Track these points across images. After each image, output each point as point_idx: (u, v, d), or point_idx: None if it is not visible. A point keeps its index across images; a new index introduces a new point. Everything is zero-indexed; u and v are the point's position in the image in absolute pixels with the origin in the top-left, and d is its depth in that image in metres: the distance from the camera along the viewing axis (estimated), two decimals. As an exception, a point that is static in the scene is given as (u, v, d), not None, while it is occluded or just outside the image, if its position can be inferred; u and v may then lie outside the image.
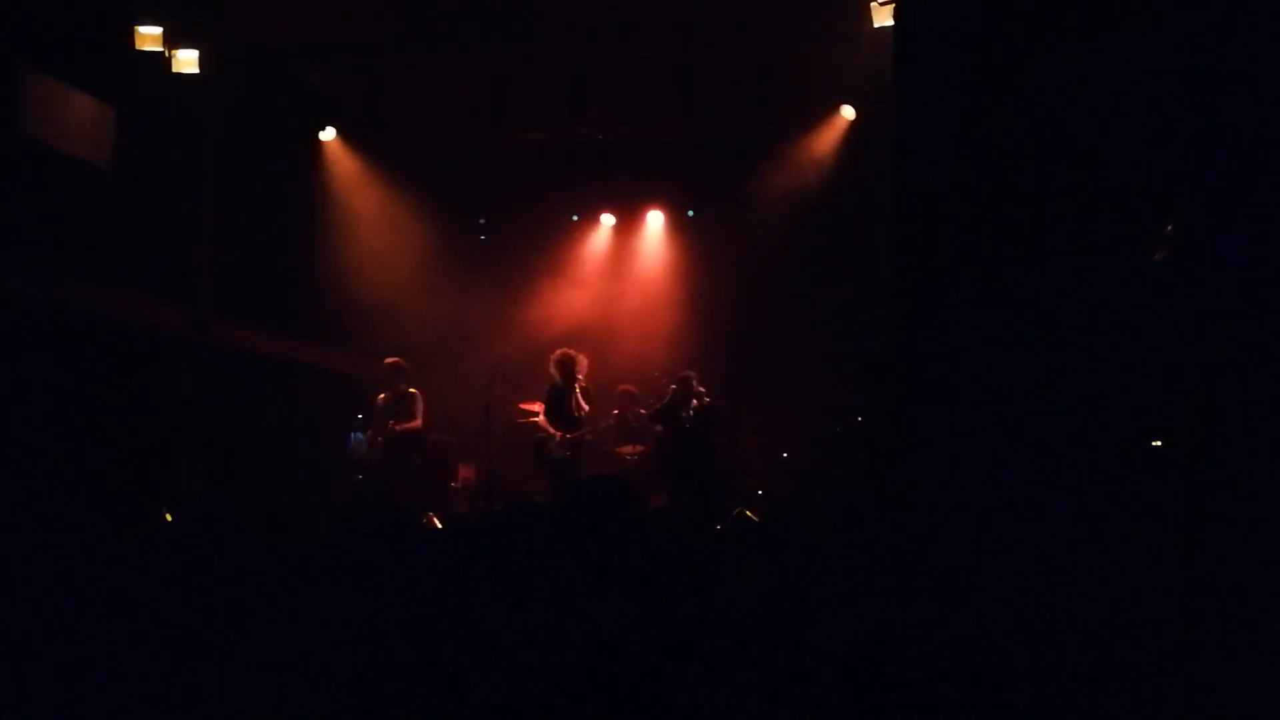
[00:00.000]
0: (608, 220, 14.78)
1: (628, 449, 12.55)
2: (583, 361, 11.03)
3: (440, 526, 6.89)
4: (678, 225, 14.60)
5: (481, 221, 15.01)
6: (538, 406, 11.11)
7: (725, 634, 3.01)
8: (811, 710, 2.92)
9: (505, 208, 14.64)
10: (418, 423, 10.84)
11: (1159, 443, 8.78)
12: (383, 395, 10.87)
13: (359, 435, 11.26)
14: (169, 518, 8.23)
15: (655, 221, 14.68)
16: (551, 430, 10.78)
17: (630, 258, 14.69)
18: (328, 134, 12.70)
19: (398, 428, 10.70)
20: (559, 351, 11.02)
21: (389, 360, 11.01)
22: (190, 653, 3.39)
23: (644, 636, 2.90)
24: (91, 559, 5.06)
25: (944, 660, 3.18)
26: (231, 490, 10.04)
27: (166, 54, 9.90)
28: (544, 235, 14.51)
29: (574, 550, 3.29)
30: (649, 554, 3.39)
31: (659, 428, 11.63)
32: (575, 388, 10.85)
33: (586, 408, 10.91)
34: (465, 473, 12.79)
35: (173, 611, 3.64)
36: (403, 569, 3.81)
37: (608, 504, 3.37)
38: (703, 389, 11.12)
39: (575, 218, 14.78)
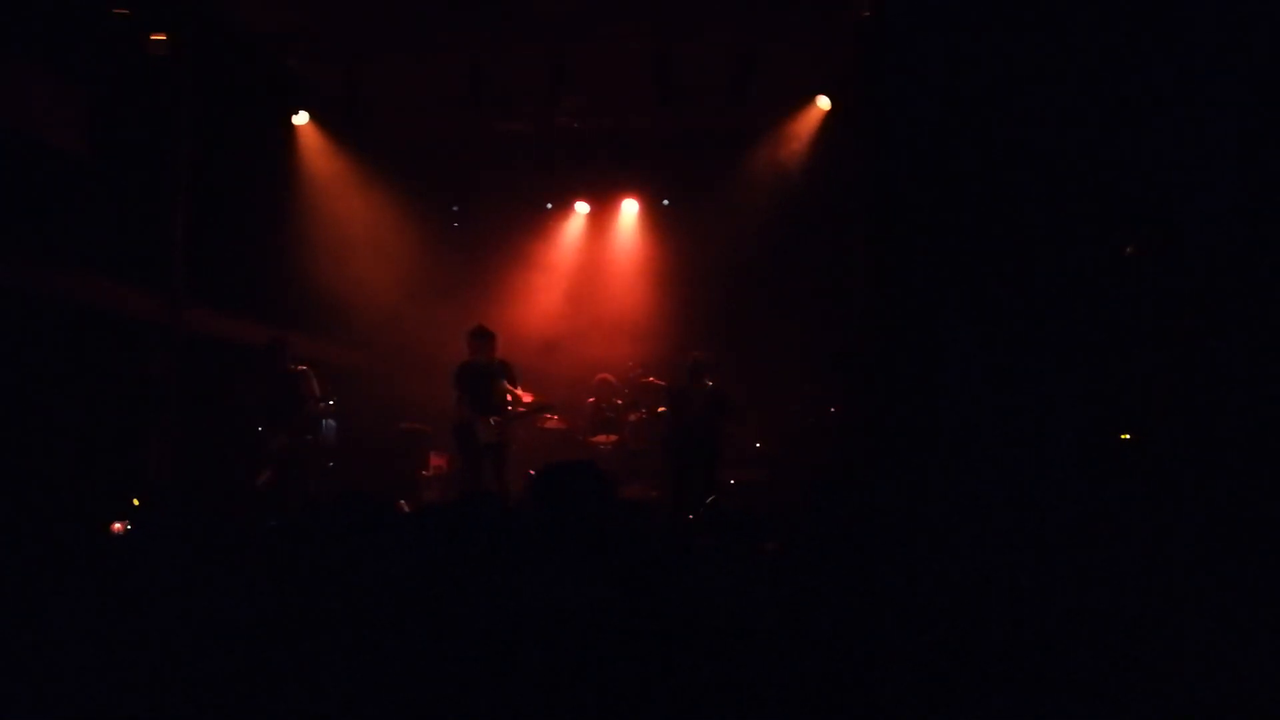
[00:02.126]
0: (582, 208, 14.81)
1: (602, 438, 12.60)
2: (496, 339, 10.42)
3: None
4: (652, 214, 14.64)
5: (454, 208, 15.02)
6: (527, 397, 10.92)
7: (705, 623, 3.05)
8: (790, 700, 2.96)
9: (479, 194, 14.66)
10: (322, 407, 10.24)
11: (1127, 436, 8.94)
12: (264, 380, 10.21)
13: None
14: (135, 503, 8.25)
15: (630, 210, 14.72)
16: (476, 414, 10.25)
17: (604, 246, 14.72)
18: (300, 118, 12.65)
19: (290, 438, 10.11)
20: (474, 326, 10.49)
21: (270, 338, 10.39)
22: (158, 639, 3.40)
23: (622, 625, 2.94)
24: (60, 546, 5.07)
25: (917, 648, 3.21)
26: (204, 477, 9.99)
27: (138, 35, 9.86)
28: (517, 223, 14.53)
29: (545, 536, 3.32)
30: (624, 541, 3.41)
31: (661, 410, 11.41)
32: (495, 367, 10.33)
33: (513, 389, 10.39)
34: (437, 461, 12.81)
35: (142, 597, 3.65)
36: (373, 555, 3.84)
37: (579, 489, 3.40)
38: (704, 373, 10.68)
39: (549, 205, 14.81)
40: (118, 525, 6.99)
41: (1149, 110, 8.75)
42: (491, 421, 10.31)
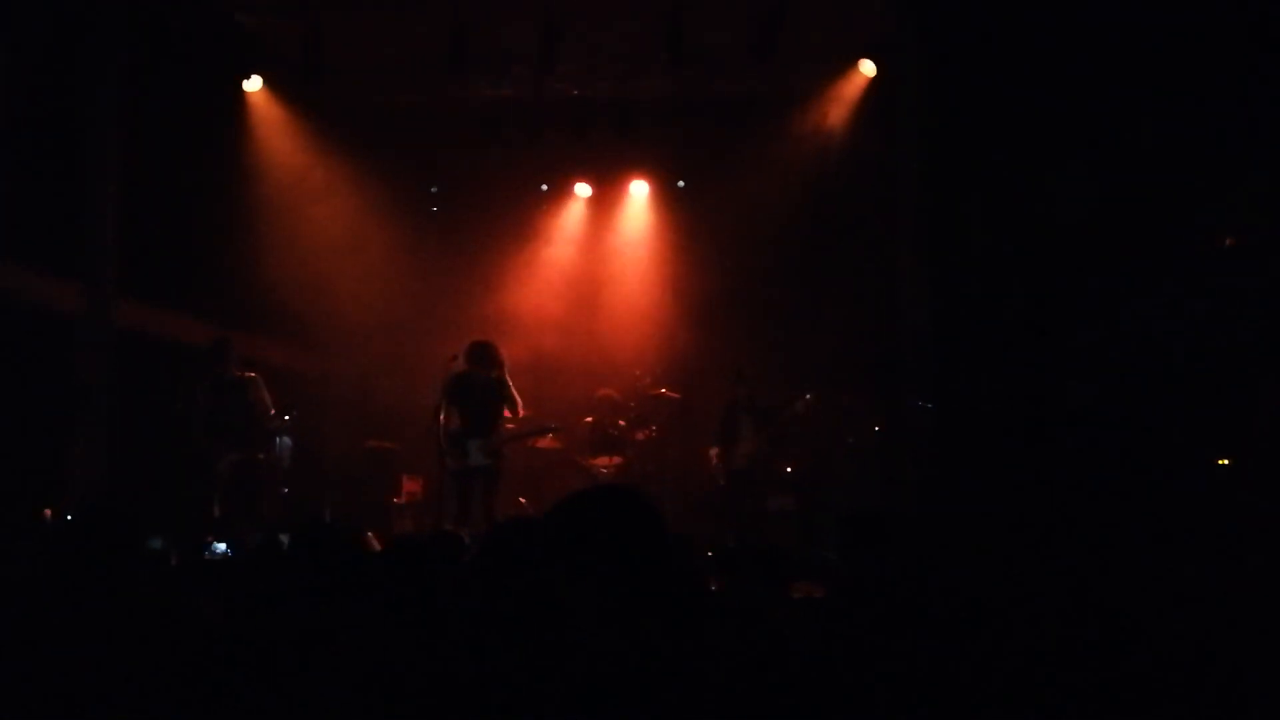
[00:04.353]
0: (583, 190, 14.75)
1: (603, 460, 12.50)
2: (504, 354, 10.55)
3: (379, 548, 6.83)
4: (665, 197, 14.56)
5: (433, 190, 14.96)
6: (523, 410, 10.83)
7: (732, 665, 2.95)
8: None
9: (461, 174, 14.62)
10: (276, 420, 10.35)
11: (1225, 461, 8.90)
12: (207, 387, 10.22)
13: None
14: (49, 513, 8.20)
15: (639, 192, 14.65)
16: (469, 433, 10.31)
17: (608, 234, 14.67)
18: (253, 83, 12.57)
19: (257, 455, 10.18)
20: (476, 340, 10.55)
21: (215, 337, 10.46)
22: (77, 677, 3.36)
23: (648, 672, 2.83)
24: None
25: (965, 679, 3.17)
26: (136, 494, 9.91)
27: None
28: (506, 207, 14.49)
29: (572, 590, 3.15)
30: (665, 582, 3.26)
31: (714, 450, 11.35)
32: (501, 382, 10.40)
33: (520, 409, 10.50)
34: (410, 486, 12.76)
35: (63, 626, 3.60)
36: (335, 595, 3.77)
37: (621, 528, 3.14)
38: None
39: (544, 187, 14.74)
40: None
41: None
42: (486, 442, 10.29)
